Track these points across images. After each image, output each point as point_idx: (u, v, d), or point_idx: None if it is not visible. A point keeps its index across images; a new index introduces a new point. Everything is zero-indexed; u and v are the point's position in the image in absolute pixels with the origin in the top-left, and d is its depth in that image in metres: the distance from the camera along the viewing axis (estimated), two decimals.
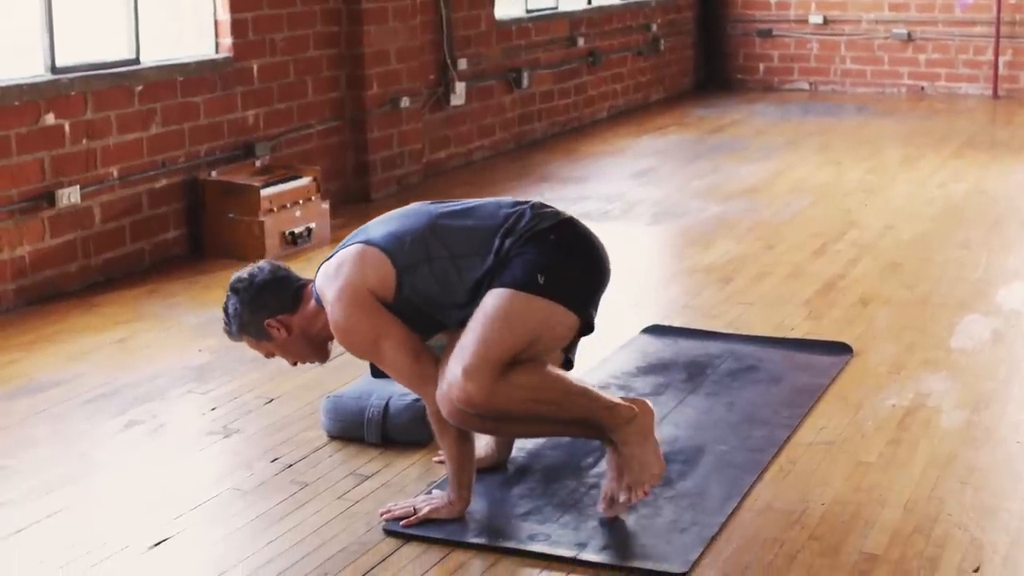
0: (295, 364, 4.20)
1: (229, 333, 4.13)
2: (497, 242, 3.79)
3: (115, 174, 6.74)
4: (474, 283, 3.79)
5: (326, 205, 7.50)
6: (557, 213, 3.91)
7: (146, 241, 6.97)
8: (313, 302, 4.00)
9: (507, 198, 4.00)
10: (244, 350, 5.14)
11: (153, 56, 7.09)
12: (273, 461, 4.43)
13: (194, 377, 5.27)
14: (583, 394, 3.78)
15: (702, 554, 3.70)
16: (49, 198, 6.36)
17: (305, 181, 7.43)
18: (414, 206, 4.04)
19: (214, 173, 7.27)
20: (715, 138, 10.96)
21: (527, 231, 3.80)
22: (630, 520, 3.91)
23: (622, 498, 3.79)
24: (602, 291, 3.91)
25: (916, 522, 3.88)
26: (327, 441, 4.58)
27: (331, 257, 3.96)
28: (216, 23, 7.51)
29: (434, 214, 3.92)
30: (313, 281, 4.02)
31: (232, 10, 7.48)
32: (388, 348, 3.83)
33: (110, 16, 6.99)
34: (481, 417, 3.71)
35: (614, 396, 3.87)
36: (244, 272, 4.11)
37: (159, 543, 3.84)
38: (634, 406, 3.81)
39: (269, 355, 4.16)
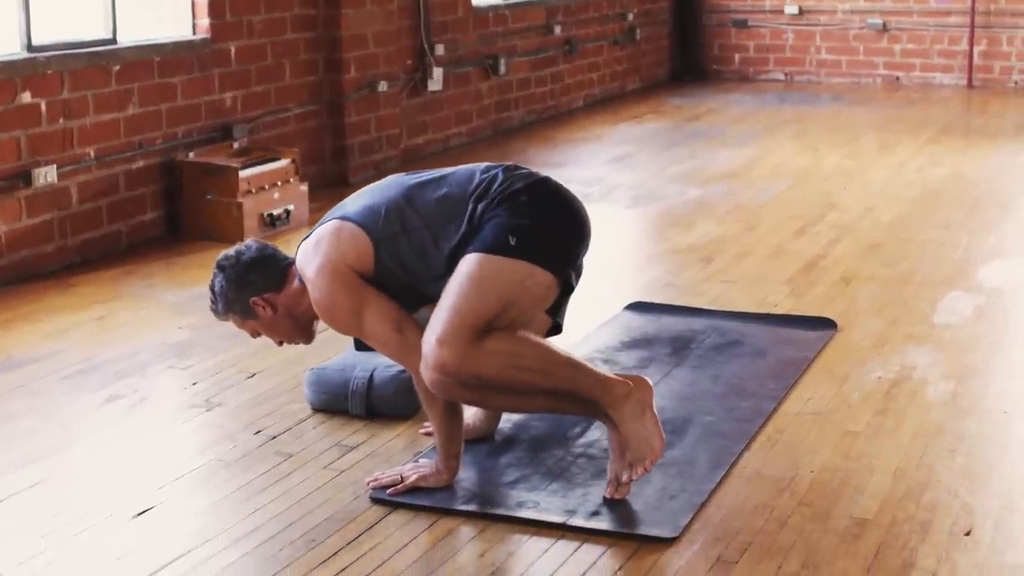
0: (281, 344, 4.16)
1: (215, 312, 4.10)
2: (470, 208, 3.77)
3: (92, 154, 6.68)
4: (450, 252, 3.76)
5: (305, 187, 7.45)
6: (531, 174, 3.87)
7: (123, 222, 6.90)
8: (297, 281, 3.97)
9: (481, 164, 3.95)
10: (225, 327, 5.09)
11: (130, 36, 7.02)
12: (256, 433, 4.38)
13: (174, 353, 5.22)
14: (568, 364, 3.72)
15: (692, 520, 3.68)
16: (25, 177, 6.29)
17: (284, 163, 7.38)
18: (389, 179, 4.02)
19: (191, 154, 7.21)
20: (692, 126, 10.95)
21: (499, 194, 3.77)
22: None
23: (624, 476, 3.73)
24: (581, 248, 3.84)
25: (906, 488, 3.87)
26: (311, 414, 4.54)
27: (309, 235, 3.93)
28: (193, 4, 7.45)
29: (408, 184, 3.90)
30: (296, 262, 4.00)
31: None
32: (371, 321, 3.80)
33: None
34: (462, 386, 3.66)
35: (607, 372, 3.82)
36: (231, 250, 4.08)
37: (142, 512, 3.79)
38: (629, 381, 3.74)
39: (255, 334, 4.13)
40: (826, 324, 5.40)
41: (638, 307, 5.67)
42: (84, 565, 3.48)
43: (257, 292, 3.98)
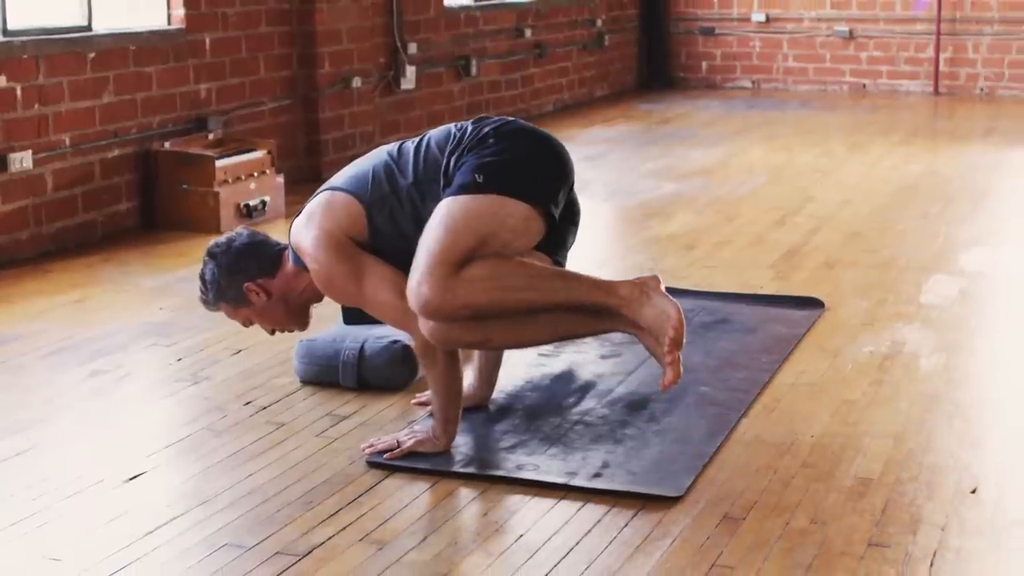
0: (273, 332, 4.10)
1: (205, 302, 4.04)
2: (444, 162, 3.74)
3: (67, 142, 6.59)
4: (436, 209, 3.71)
5: (281, 179, 7.38)
6: (500, 119, 3.84)
7: (98, 212, 6.82)
8: (291, 263, 3.93)
9: (458, 122, 3.91)
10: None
11: (105, 24, 6.95)
12: (246, 404, 4.32)
13: (156, 332, 5.14)
14: (556, 275, 3.62)
15: (695, 481, 3.63)
16: (1, 162, 6.19)
17: (260, 154, 7.32)
18: (373, 150, 3.98)
19: (167, 144, 7.13)
20: (663, 128, 10.96)
21: (469, 141, 3.74)
22: (618, 452, 3.84)
23: (668, 359, 3.53)
24: (556, 177, 3.74)
25: (907, 451, 3.85)
26: (300, 387, 4.48)
27: (300, 212, 3.88)
28: None
29: (391, 149, 3.89)
30: (289, 246, 3.95)
31: None
32: (371, 287, 3.75)
33: None
34: (457, 323, 3.58)
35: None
36: (221, 238, 4.04)
37: (134, 477, 3.72)
38: (631, 279, 3.63)
39: (247, 323, 4.07)
40: (813, 304, 5.38)
41: None
42: (78, 525, 3.40)
43: (250, 278, 3.93)
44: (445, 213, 3.62)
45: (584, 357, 4.73)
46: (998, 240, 6.64)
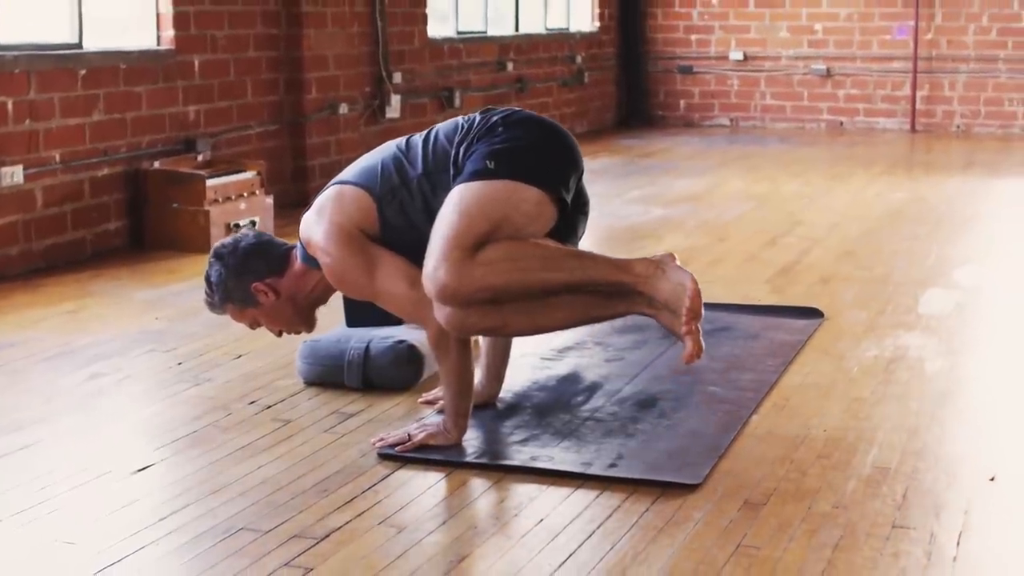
0: (280, 334, 4.06)
1: (211, 305, 3.99)
2: (454, 152, 3.72)
3: (57, 158, 6.55)
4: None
5: (270, 200, 7.35)
6: (507, 109, 3.83)
7: (87, 230, 6.76)
8: (300, 262, 3.89)
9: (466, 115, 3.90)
10: (206, 316, 5.01)
11: (95, 43, 6.92)
12: (250, 403, 4.26)
13: (154, 339, 5.09)
14: (572, 254, 3.60)
15: (711, 471, 3.60)
16: None
17: (250, 175, 7.29)
18: (381, 145, 3.96)
19: (157, 164, 7.09)
20: (646, 161, 10.99)
21: (478, 131, 3.72)
22: (631, 444, 3.80)
23: (682, 330, 3.51)
24: (566, 163, 3.72)
25: (923, 442, 3.83)
26: (304, 387, 4.43)
27: (309, 207, 3.86)
28: (158, 15, 7.36)
29: (400, 143, 3.87)
30: (296, 246, 3.92)
31: (175, 3, 7.35)
32: (383, 280, 3.72)
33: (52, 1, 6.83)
34: (475, 308, 3.53)
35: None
36: (227, 239, 4.01)
37: (142, 469, 3.66)
38: (647, 257, 3.60)
39: (254, 325, 4.02)
40: (813, 313, 5.38)
41: None
42: (89, 512, 3.34)
43: (258, 277, 3.89)
44: (458, 199, 3.59)
45: (589, 360, 4.70)
46: (990, 258, 6.67)
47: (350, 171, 3.89)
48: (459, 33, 10.87)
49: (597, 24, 13.47)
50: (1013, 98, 12.85)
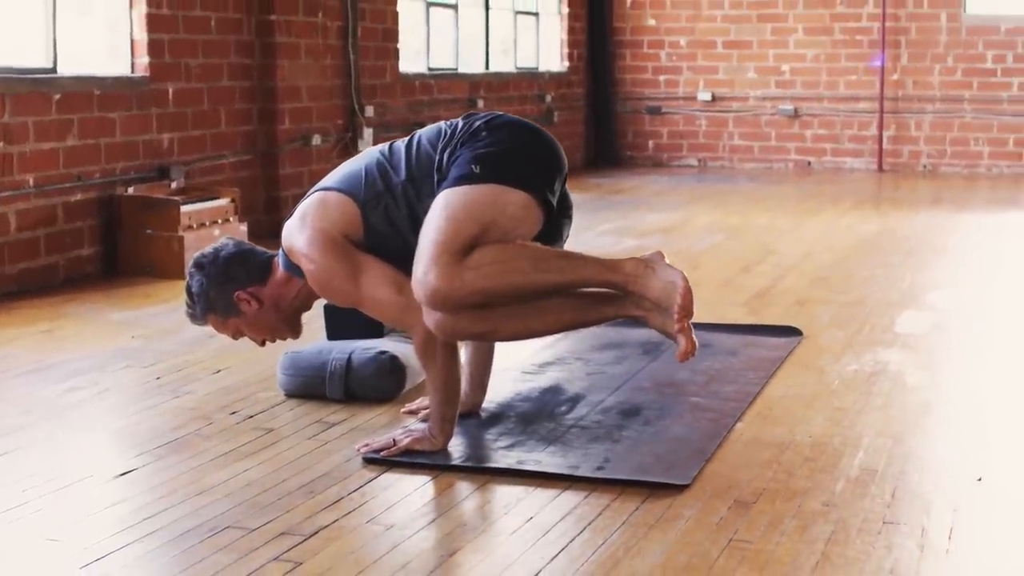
0: (263, 343, 4.01)
1: (192, 316, 3.94)
2: (438, 158, 3.71)
3: (31, 182, 6.51)
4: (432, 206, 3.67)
5: (244, 227, 7.33)
6: (489, 113, 3.83)
7: (60, 255, 6.72)
8: (282, 269, 3.86)
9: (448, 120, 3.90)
10: (184, 335, 5.01)
11: (69, 68, 6.91)
12: (232, 414, 4.23)
13: (131, 356, 5.04)
14: (563, 256, 3.59)
15: (699, 473, 3.59)
16: None
17: (224, 202, 7.27)
18: (363, 151, 3.95)
19: (131, 190, 7.06)
20: (616, 197, 11.02)
21: (461, 136, 3.72)
22: (617, 449, 3.79)
23: (675, 328, 3.49)
24: (550, 166, 3.72)
25: (908, 447, 3.83)
26: (285, 399, 4.39)
27: (292, 214, 3.84)
28: (132, 42, 7.35)
29: (383, 148, 3.85)
30: (278, 254, 3.90)
31: (149, 30, 7.34)
32: (368, 285, 3.69)
33: (26, 24, 6.81)
34: (468, 316, 3.52)
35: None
36: (207, 249, 3.96)
37: (125, 473, 3.62)
38: (637, 257, 3.59)
39: (237, 335, 3.97)
40: (792, 332, 5.39)
41: None
42: (73, 512, 3.30)
43: (241, 286, 3.85)
44: (444, 204, 3.58)
45: (570, 374, 4.69)
46: (964, 283, 6.71)
47: (332, 177, 3.87)
48: (430, 69, 10.91)
49: (566, 64, 13.55)
50: (979, 138, 12.97)
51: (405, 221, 3.71)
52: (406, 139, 3.87)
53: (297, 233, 3.76)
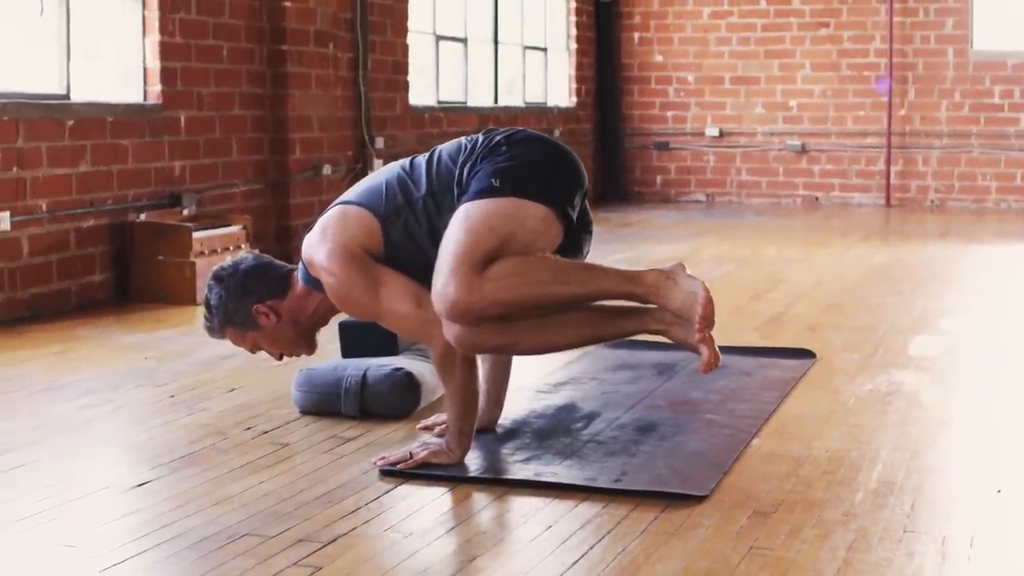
0: (280, 357, 4.01)
1: (210, 329, 3.94)
2: (458, 172, 3.71)
3: (44, 207, 6.53)
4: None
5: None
6: (510, 128, 3.84)
7: (73, 281, 6.72)
8: (301, 284, 3.87)
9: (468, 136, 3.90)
10: (197, 356, 5.01)
11: (83, 95, 6.94)
12: (247, 429, 4.22)
13: (144, 376, 5.04)
14: (583, 267, 3.59)
15: (717, 485, 3.57)
16: None
17: (235, 229, 7.29)
18: (384, 166, 3.97)
19: (142, 216, 7.07)
20: (625, 230, 11.03)
21: (482, 150, 3.72)
22: (634, 463, 3.78)
23: (696, 339, 3.53)
24: (570, 180, 3.72)
25: (926, 462, 3.82)
26: (300, 416, 4.38)
27: (312, 229, 3.84)
28: (145, 70, 7.39)
29: (404, 163, 3.86)
30: (297, 268, 3.90)
31: (162, 58, 7.37)
32: (388, 299, 3.69)
33: (40, 50, 6.84)
34: (488, 329, 3.51)
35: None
36: (226, 262, 3.97)
37: (141, 484, 3.61)
38: (658, 268, 3.58)
39: (254, 348, 3.97)
40: (805, 354, 5.38)
41: (613, 343, 5.57)
42: (90, 520, 3.29)
43: (260, 299, 3.86)
44: (464, 217, 3.59)
45: (584, 393, 4.68)
46: (975, 310, 6.70)
47: (353, 192, 3.88)
48: (440, 102, 10.95)
49: (574, 99, 13.60)
50: (986, 173, 12.99)
51: (425, 235, 3.71)
52: (426, 154, 3.88)
53: (317, 246, 3.76)
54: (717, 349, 3.51)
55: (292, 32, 8.37)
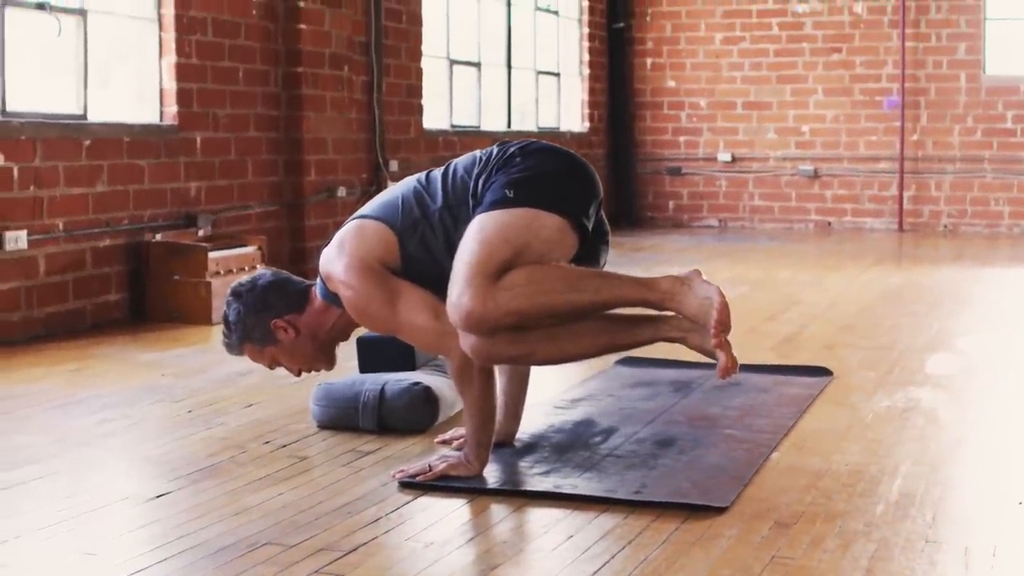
0: (299, 374, 4.02)
1: (229, 345, 3.95)
2: (472, 185, 3.73)
3: (60, 227, 6.55)
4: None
5: None
6: (523, 140, 3.85)
7: (88, 300, 6.74)
8: (320, 299, 3.88)
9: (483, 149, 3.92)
10: (214, 373, 5.02)
11: (100, 115, 6.97)
12: (265, 443, 4.22)
13: (162, 392, 5.05)
14: (598, 275, 3.59)
15: (738, 498, 3.56)
16: None
17: (251, 249, 7.30)
18: (401, 180, 3.98)
19: (158, 236, 7.09)
20: (639, 255, 11.04)
21: (496, 162, 3.73)
22: (653, 475, 3.77)
23: (712, 344, 3.54)
24: (585, 190, 3.73)
25: (946, 475, 3.81)
26: (318, 430, 4.38)
27: (329, 242, 3.85)
28: (162, 91, 7.42)
29: (420, 177, 3.88)
30: (315, 283, 3.91)
31: (178, 79, 7.40)
32: (406, 311, 3.69)
33: (57, 71, 6.88)
34: (504, 340, 3.51)
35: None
36: (244, 279, 3.99)
37: (160, 495, 3.61)
38: (672, 275, 3.58)
39: (273, 364, 3.97)
40: (822, 372, 5.37)
41: (629, 362, 5.57)
42: (110, 530, 3.30)
43: (278, 314, 3.87)
44: (479, 228, 3.59)
45: (602, 408, 4.68)
46: (991, 330, 6.69)
47: (370, 206, 3.90)
48: (453, 126, 10.98)
49: (587, 125, 13.63)
50: (999, 198, 12.99)
51: (442, 248, 3.72)
52: (441, 168, 3.89)
53: (335, 260, 3.76)
54: (734, 354, 3.50)
55: (307, 55, 8.41)
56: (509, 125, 12.09)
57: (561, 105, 13.35)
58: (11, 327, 6.26)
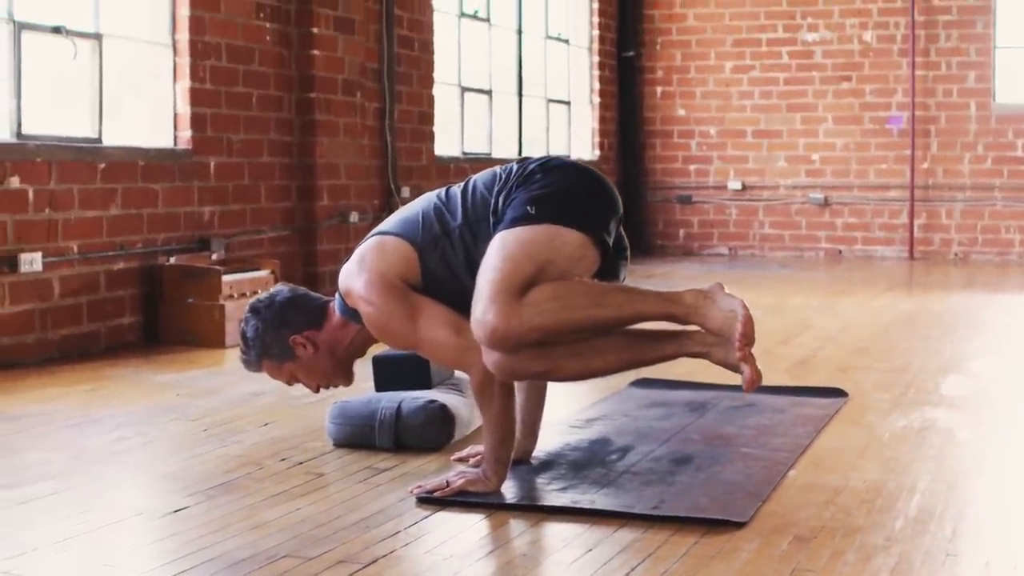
0: (318, 390, 4.01)
1: (247, 361, 3.95)
2: (493, 201, 3.73)
3: (75, 249, 6.57)
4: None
5: None
6: (543, 157, 3.85)
7: (102, 323, 6.75)
8: (338, 315, 3.88)
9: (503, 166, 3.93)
10: (229, 393, 5.02)
11: (115, 139, 7.00)
12: (282, 460, 4.22)
13: (177, 411, 5.05)
14: (621, 290, 3.59)
15: (756, 513, 3.55)
16: (11, 263, 6.16)
17: (264, 273, 7.31)
18: (421, 196, 3.98)
19: (172, 259, 7.11)
20: (647, 281, 11.02)
21: (516, 179, 3.73)
22: (671, 491, 3.76)
23: (736, 357, 3.52)
24: (606, 206, 3.73)
25: (965, 492, 3.80)
26: (334, 448, 4.38)
27: (349, 258, 3.86)
28: (175, 115, 7.44)
29: (440, 193, 3.87)
30: (333, 299, 3.92)
31: (192, 104, 7.43)
32: (426, 327, 3.69)
33: (73, 95, 6.91)
34: (528, 356, 3.51)
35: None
36: (262, 295, 3.99)
37: (178, 510, 3.60)
38: (695, 288, 3.58)
39: (291, 380, 3.97)
40: (837, 393, 5.36)
41: (643, 383, 5.57)
42: (127, 543, 3.30)
43: (297, 330, 3.87)
44: (501, 244, 3.59)
45: (618, 427, 4.68)
46: (1004, 353, 6.68)
47: (390, 222, 3.90)
48: (464, 153, 11.00)
49: (598, 153, 13.65)
50: (1010, 225, 12.98)
51: (462, 265, 3.72)
52: (461, 184, 3.89)
53: (355, 276, 3.77)
54: (758, 367, 3.49)
55: (320, 80, 8.44)
56: (520, 153, 12.12)
57: (572, 133, 13.38)
58: (25, 349, 6.27)
